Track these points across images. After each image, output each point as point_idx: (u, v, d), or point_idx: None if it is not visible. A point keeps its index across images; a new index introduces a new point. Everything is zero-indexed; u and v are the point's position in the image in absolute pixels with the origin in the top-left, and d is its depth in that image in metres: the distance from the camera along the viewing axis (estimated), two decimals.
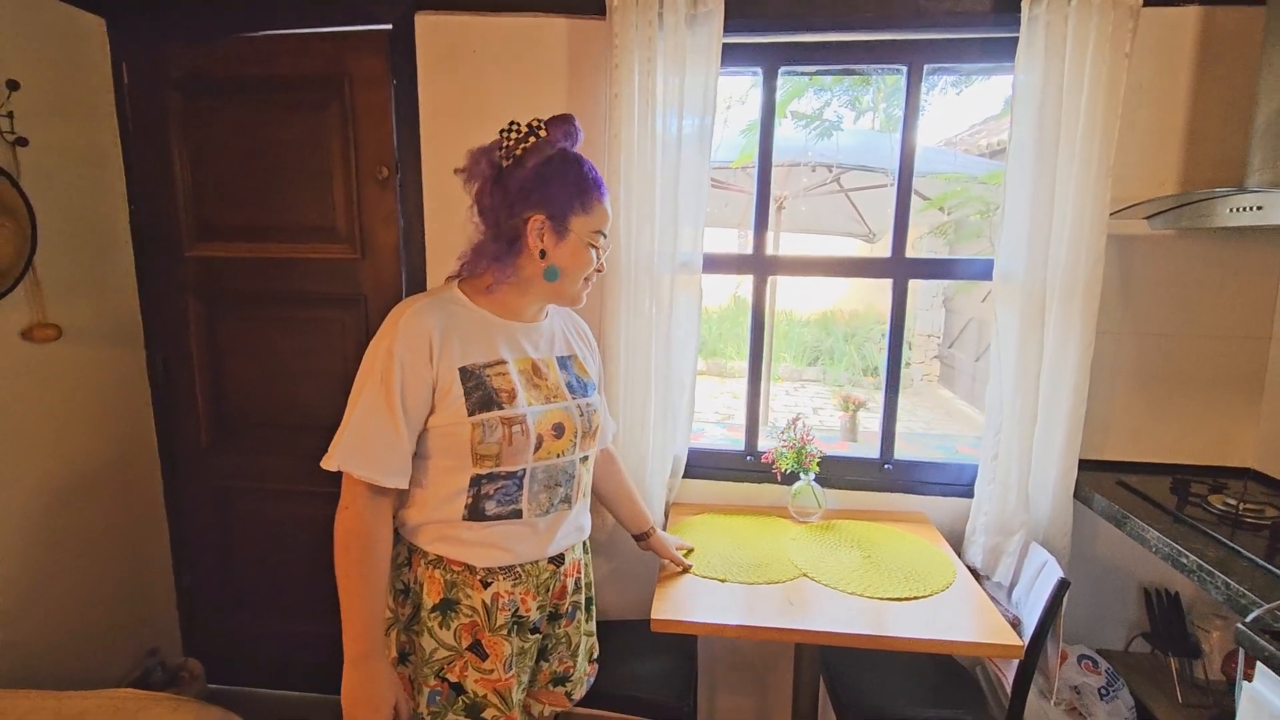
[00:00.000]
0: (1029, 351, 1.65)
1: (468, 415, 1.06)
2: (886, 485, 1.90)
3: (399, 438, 1.05)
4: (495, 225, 1.10)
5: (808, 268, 2.03)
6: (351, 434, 1.04)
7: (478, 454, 1.07)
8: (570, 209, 1.10)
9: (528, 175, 1.07)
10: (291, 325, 2.02)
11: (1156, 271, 1.71)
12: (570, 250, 1.12)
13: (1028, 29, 1.58)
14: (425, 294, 1.14)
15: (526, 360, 1.15)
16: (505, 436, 1.08)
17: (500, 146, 1.09)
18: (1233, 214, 1.36)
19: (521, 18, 1.79)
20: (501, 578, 1.13)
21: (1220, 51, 1.62)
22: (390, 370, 1.03)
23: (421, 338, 1.05)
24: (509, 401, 1.09)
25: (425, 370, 1.05)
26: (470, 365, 1.08)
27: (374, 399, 1.04)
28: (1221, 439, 1.75)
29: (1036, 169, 1.59)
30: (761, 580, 1.49)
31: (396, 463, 1.06)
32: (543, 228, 1.09)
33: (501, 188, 1.09)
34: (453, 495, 1.10)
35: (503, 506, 1.11)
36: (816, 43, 1.81)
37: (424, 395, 1.06)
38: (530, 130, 1.09)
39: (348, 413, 1.06)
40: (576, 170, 1.11)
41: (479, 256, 1.12)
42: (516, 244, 1.10)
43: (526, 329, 1.18)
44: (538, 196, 1.08)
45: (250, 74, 1.93)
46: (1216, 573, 1.20)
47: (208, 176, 1.99)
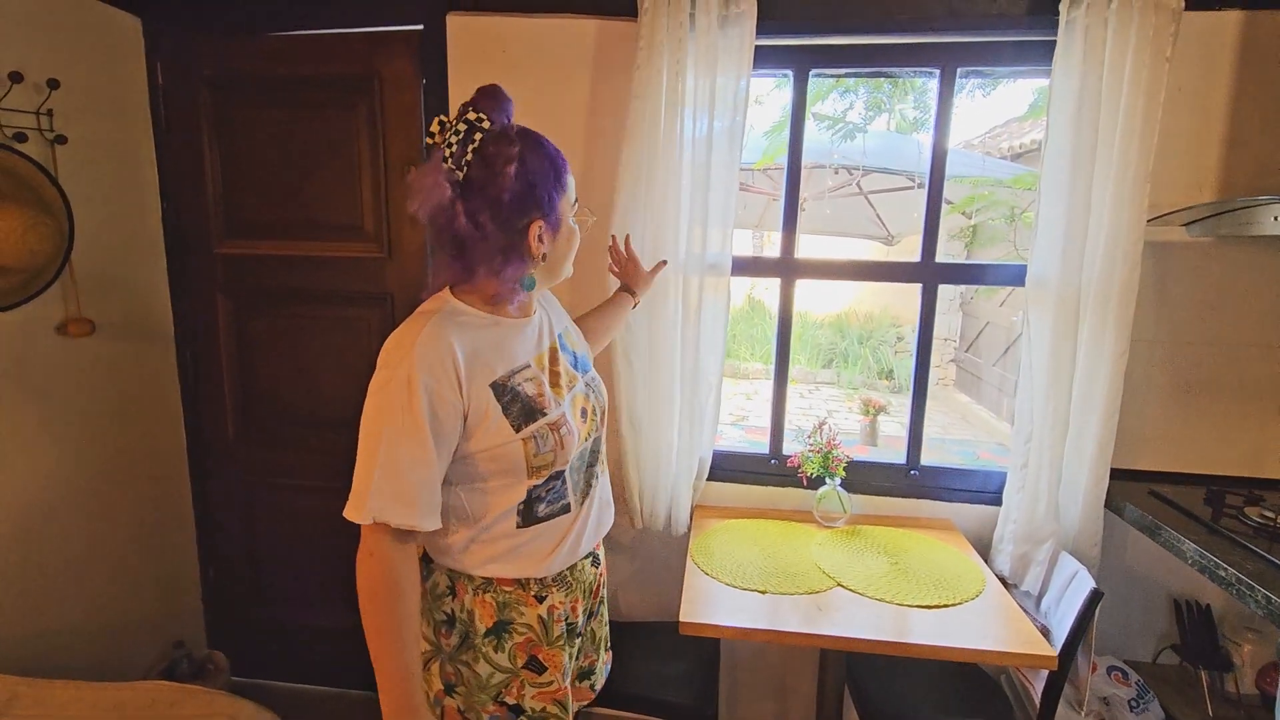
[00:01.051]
0: (1061, 359, 1.63)
1: (515, 432, 1.00)
2: (913, 491, 1.89)
3: (434, 474, 0.95)
4: (495, 244, 0.98)
5: (836, 271, 2.02)
6: (382, 479, 0.92)
7: (533, 466, 1.02)
8: (557, 198, 1.02)
9: (515, 181, 0.96)
10: (318, 323, 2.03)
11: (1194, 279, 1.68)
12: (564, 237, 1.07)
13: (1065, 32, 1.56)
14: (425, 312, 1.01)
15: (542, 355, 1.11)
16: (557, 443, 1.04)
17: (446, 156, 0.96)
18: (1276, 222, 1.34)
19: (552, 19, 1.80)
20: (555, 589, 1.10)
21: (1262, 56, 1.60)
22: (415, 401, 0.92)
23: (445, 361, 0.95)
24: (547, 405, 1.04)
25: (454, 396, 0.96)
26: (500, 379, 1.01)
27: (401, 436, 0.92)
28: (1258, 450, 1.72)
29: (1072, 174, 1.57)
30: (797, 590, 1.49)
31: (433, 501, 0.97)
32: (541, 231, 1.01)
33: (486, 204, 0.96)
34: (507, 511, 1.04)
35: (553, 505, 1.07)
36: (848, 45, 1.80)
37: (455, 424, 0.97)
38: (471, 126, 0.96)
39: (366, 457, 0.93)
40: (547, 156, 1.01)
41: (472, 271, 1.01)
42: (524, 256, 1.01)
43: (530, 320, 1.11)
44: (530, 201, 0.98)
45: (281, 73, 1.94)
46: (1257, 586, 1.18)
47: (238, 174, 2.01)
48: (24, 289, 1.61)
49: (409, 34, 1.88)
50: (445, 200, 0.95)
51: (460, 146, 0.95)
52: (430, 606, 1.09)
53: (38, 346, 1.70)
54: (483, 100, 0.99)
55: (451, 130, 0.96)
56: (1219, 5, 1.59)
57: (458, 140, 0.95)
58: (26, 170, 1.59)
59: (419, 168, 0.98)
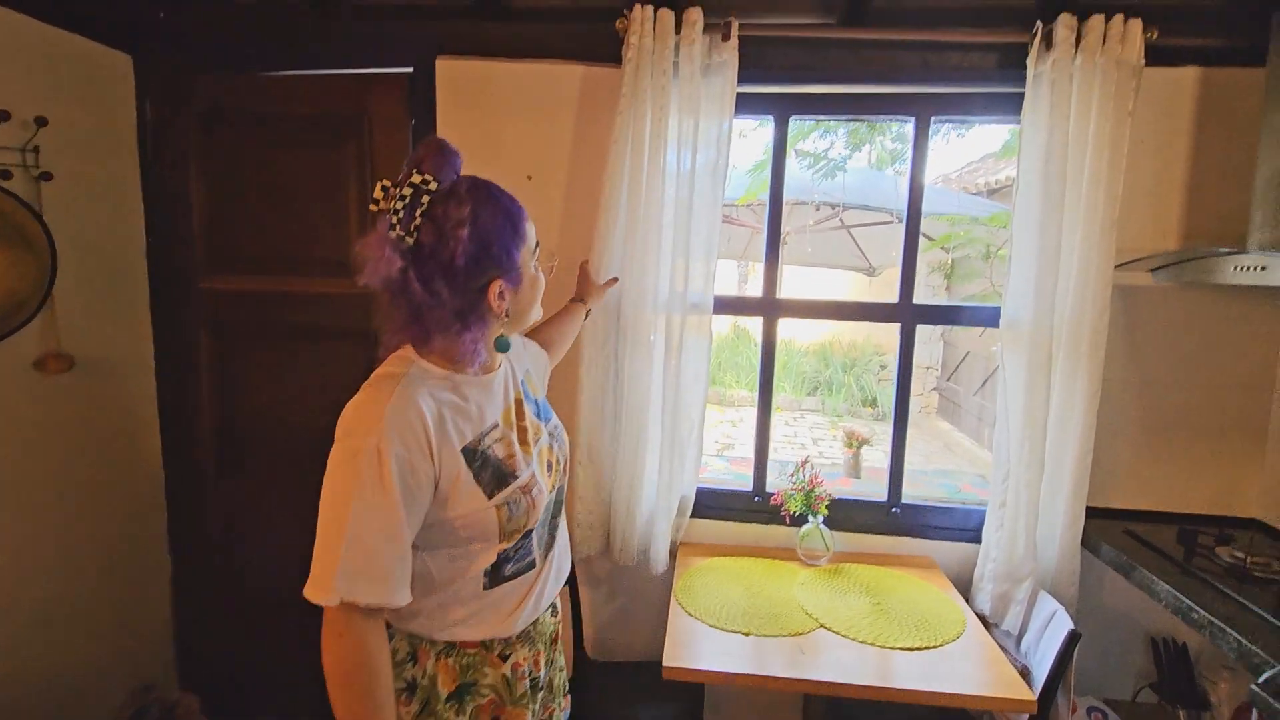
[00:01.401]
0: (1036, 399, 1.67)
1: (488, 499, 0.97)
2: (894, 529, 1.90)
3: (406, 547, 0.91)
4: (452, 309, 0.94)
5: (817, 311, 2.06)
6: (350, 556, 0.86)
7: (507, 531, 1.00)
8: (516, 250, 0.98)
9: (469, 243, 0.91)
10: (303, 358, 2.03)
11: (1161, 322, 1.74)
12: (527, 286, 1.03)
13: (1033, 86, 1.63)
14: (390, 375, 0.95)
15: (509, 409, 1.07)
16: (529, 505, 1.02)
17: (393, 224, 0.91)
18: (1236, 272, 1.39)
19: (539, 64, 1.84)
20: (519, 646, 1.07)
21: (1218, 110, 1.67)
22: (387, 473, 0.87)
23: (416, 429, 0.90)
24: (518, 467, 1.02)
25: (426, 465, 0.91)
26: (471, 443, 0.97)
27: (371, 510, 0.87)
28: (1227, 489, 1.76)
29: (1042, 220, 1.63)
30: (781, 632, 1.49)
31: (406, 575, 0.91)
32: (502, 289, 0.97)
33: (439, 270, 0.92)
34: (477, 575, 1.01)
35: (519, 563, 1.05)
36: (826, 93, 1.86)
37: (427, 493, 0.92)
38: (417, 189, 0.91)
39: (331, 532, 0.87)
40: (501, 209, 0.96)
41: (431, 335, 0.96)
42: (485, 317, 0.98)
43: (496, 375, 1.07)
44: (487, 261, 0.94)
45: (271, 111, 1.97)
46: (1228, 630, 1.20)
47: (225, 210, 2.02)
48: (1, 325, 1.60)
49: (398, 76, 1.91)
50: (395, 271, 0.91)
51: (407, 211, 0.90)
52: None
53: (13, 382, 1.67)
54: (428, 158, 0.94)
55: (397, 195, 0.91)
56: (1177, 62, 1.67)
57: (404, 205, 0.90)
58: (10, 208, 1.59)
59: (364, 238, 0.92)
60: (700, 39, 1.67)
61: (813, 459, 1.84)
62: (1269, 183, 1.47)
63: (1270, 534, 1.69)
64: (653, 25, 1.67)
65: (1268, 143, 1.49)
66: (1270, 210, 1.47)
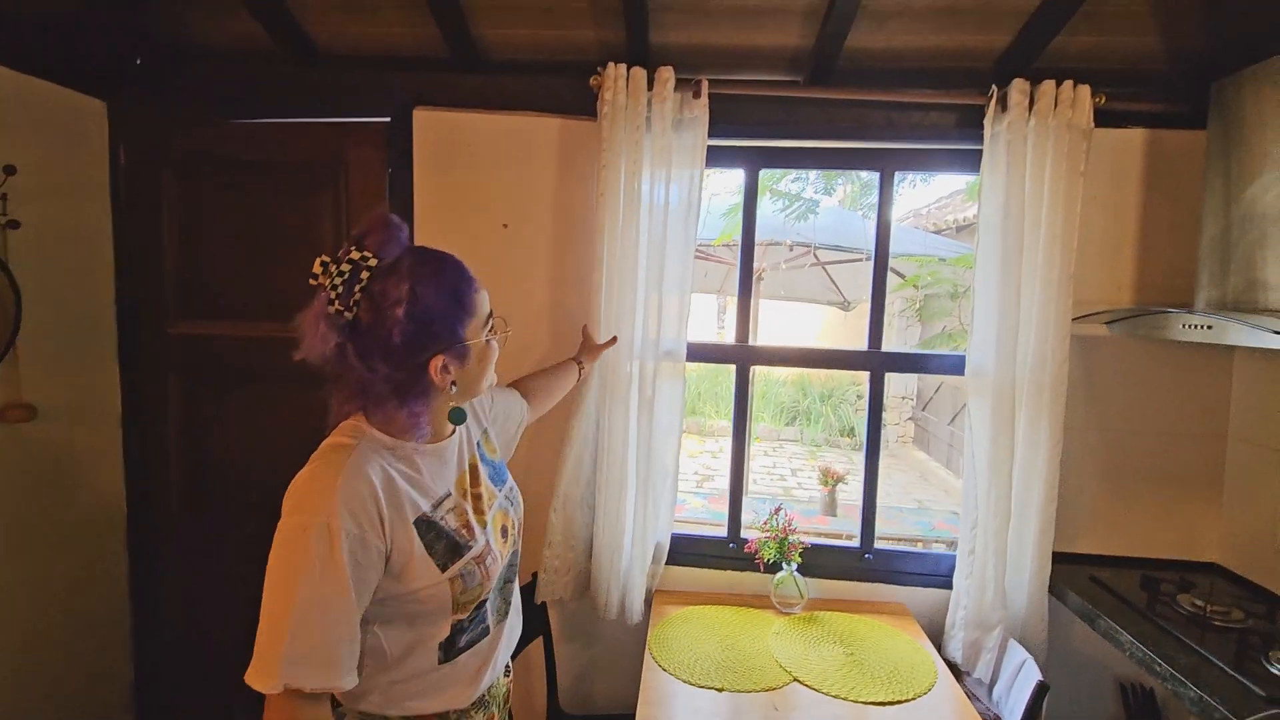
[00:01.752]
0: (1001, 447, 1.70)
1: (441, 572, 0.94)
2: (867, 575, 1.91)
3: (355, 628, 0.87)
4: (391, 385, 0.93)
5: (789, 359, 2.09)
6: (297, 639, 0.82)
7: (460, 603, 0.97)
8: (460, 325, 0.96)
9: (406, 321, 0.89)
10: (275, 404, 2.01)
11: (1118, 373, 1.79)
12: (476, 360, 1.00)
13: (990, 145, 1.69)
14: (340, 445, 0.92)
15: (463, 476, 1.06)
16: (483, 575, 1.00)
17: (331, 300, 0.89)
18: (1185, 329, 1.45)
19: (516, 116, 1.88)
20: (474, 713, 1.05)
21: (1165, 169, 1.75)
22: (338, 551, 0.84)
23: (367, 504, 0.88)
24: (471, 536, 1.00)
25: (377, 540, 0.88)
26: (423, 515, 0.95)
27: (320, 590, 0.84)
28: (1187, 533, 1.81)
29: (1002, 272, 1.68)
30: (754, 687, 1.48)
31: (354, 657, 0.88)
32: (446, 363, 0.95)
33: (377, 347, 0.90)
34: (429, 647, 0.98)
35: (474, 633, 1.03)
36: (795, 148, 1.91)
37: (378, 568, 0.90)
38: (356, 265, 0.89)
39: (276, 614, 0.83)
40: (444, 281, 0.95)
41: (381, 408, 0.95)
42: (426, 392, 0.96)
43: (449, 444, 1.05)
44: (426, 338, 0.92)
45: (247, 157, 1.98)
46: (1189, 684, 1.22)
47: (198, 255, 2.01)
48: None
49: (376, 125, 1.94)
50: (332, 348, 0.90)
51: (346, 287, 0.89)
52: None
53: None
54: (371, 234, 0.92)
55: (335, 271, 0.89)
56: (1125, 124, 1.75)
57: (343, 281, 0.89)
58: None
59: (304, 312, 0.91)
60: (672, 96, 1.72)
61: (790, 491, 1.86)
62: (1213, 243, 1.54)
63: (1229, 578, 1.73)
64: (625, 83, 1.72)
65: (1210, 205, 1.56)
66: (1214, 271, 1.54)
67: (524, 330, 1.89)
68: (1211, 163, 1.57)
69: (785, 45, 1.78)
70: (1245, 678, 1.23)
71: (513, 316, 1.84)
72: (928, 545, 3.51)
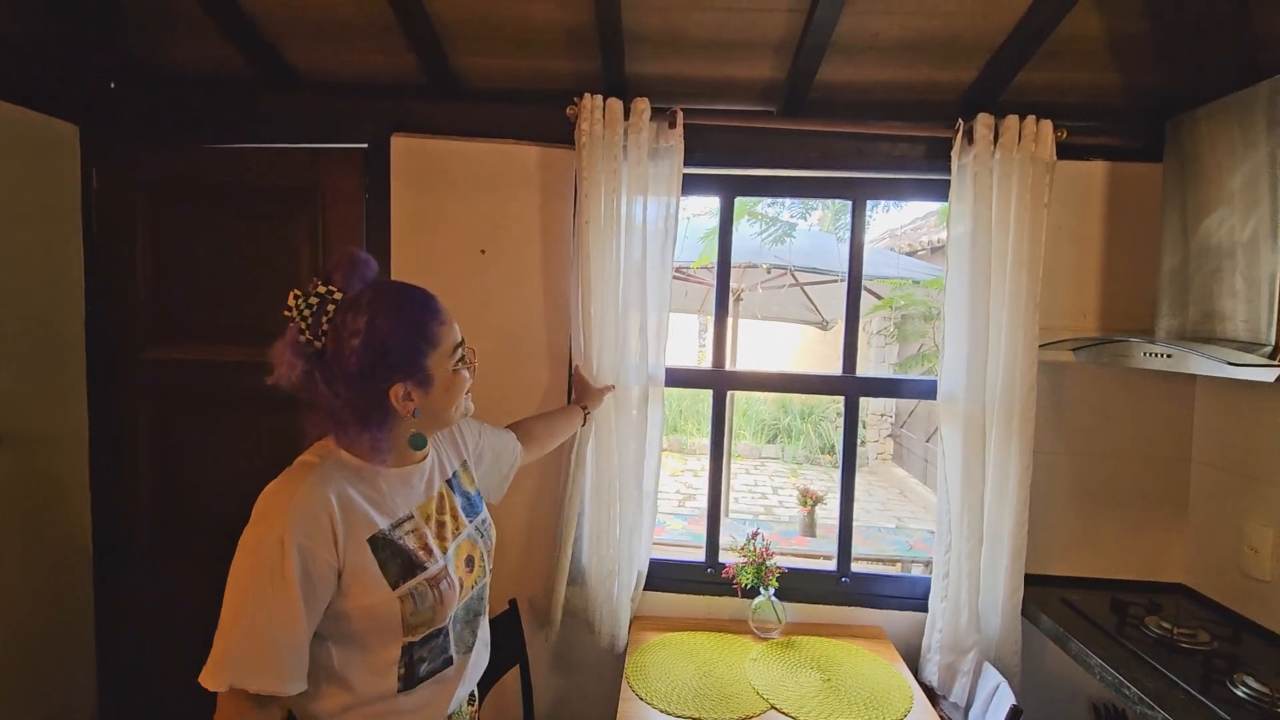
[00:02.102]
0: (972, 471, 1.73)
1: (392, 589, 0.97)
2: (844, 599, 1.92)
3: (301, 636, 0.91)
4: (353, 410, 0.98)
5: (765, 383, 2.11)
6: (243, 642, 0.88)
7: (409, 625, 0.99)
8: (422, 355, 1.00)
9: (362, 351, 0.95)
10: (250, 431, 1.98)
11: (1085, 398, 1.83)
12: (442, 389, 1.04)
13: (958, 175, 1.74)
14: (305, 464, 0.99)
15: (429, 502, 1.09)
16: (436, 599, 1.01)
17: (302, 331, 0.96)
18: (1146, 358, 1.49)
19: (494, 144, 1.89)
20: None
21: (1125, 200, 1.81)
22: (288, 563, 0.89)
23: (320, 520, 0.93)
24: (428, 558, 1.02)
25: (329, 555, 0.93)
26: (379, 533, 0.98)
27: (268, 598, 0.89)
28: (1154, 555, 1.84)
29: (971, 301, 1.72)
30: (731, 715, 1.48)
31: (300, 665, 0.92)
32: (407, 390, 0.99)
33: (338, 374, 0.96)
34: (384, 670, 1.00)
35: (434, 662, 1.04)
36: (769, 176, 1.95)
37: (329, 583, 0.93)
38: (323, 299, 0.96)
39: (230, 618, 0.89)
40: (403, 313, 1.00)
41: (345, 432, 1.00)
42: (388, 417, 1.00)
43: (419, 467, 1.10)
44: (383, 367, 0.97)
45: (222, 182, 1.97)
46: (1157, 708, 1.24)
47: (171, 280, 1.99)
48: None
49: (353, 151, 1.94)
50: (299, 375, 0.96)
51: (315, 319, 0.96)
52: None
53: None
54: (338, 270, 1.00)
55: (305, 304, 0.96)
56: (1086, 157, 1.80)
57: (311, 313, 0.96)
58: None
59: (278, 341, 0.98)
60: (648, 126, 1.75)
61: (772, 509, 1.87)
62: (1172, 274, 1.59)
63: (1195, 599, 1.76)
64: (602, 113, 1.74)
65: (1168, 237, 1.61)
66: (1173, 301, 1.58)
67: (502, 358, 1.89)
68: (1168, 197, 1.63)
69: (758, 77, 1.82)
70: (1211, 701, 1.26)
71: (490, 344, 1.89)
72: (906, 566, 3.53)
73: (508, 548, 1.91)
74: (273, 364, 0.97)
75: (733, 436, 8.05)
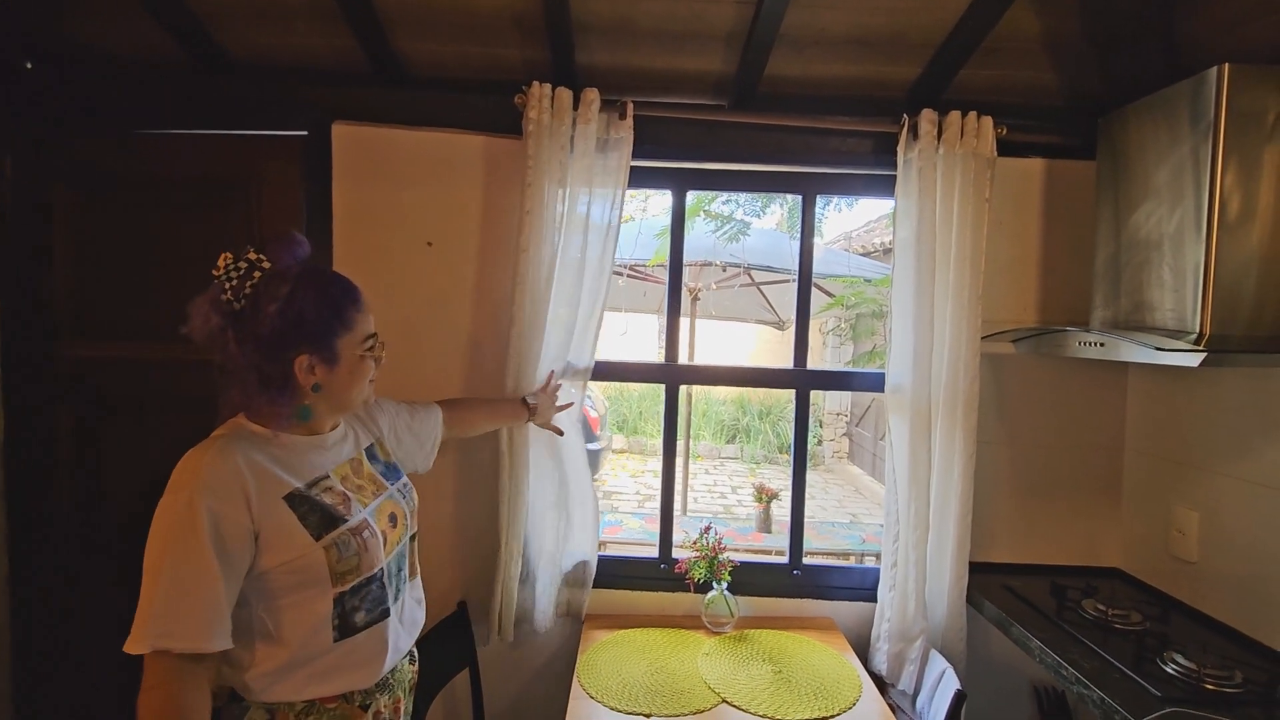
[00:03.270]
0: (919, 461, 1.75)
1: (315, 540, 1.01)
2: (796, 591, 1.93)
3: (220, 593, 0.94)
4: (259, 374, 1.02)
5: (717, 377, 2.11)
6: (163, 604, 0.90)
7: (337, 573, 1.03)
8: (333, 334, 1.06)
9: (276, 317, 1.00)
10: (179, 432, 1.86)
11: (1025, 389, 1.88)
12: (346, 371, 1.09)
13: (903, 171, 1.77)
14: (216, 436, 1.04)
15: (344, 465, 1.15)
16: (360, 546, 1.06)
17: (225, 290, 1.01)
18: (1081, 347, 1.53)
19: (440, 133, 1.84)
20: (379, 694, 1.11)
21: (1062, 197, 1.87)
22: (199, 524, 0.92)
23: (230, 484, 0.97)
24: (348, 511, 1.07)
25: (243, 518, 0.97)
26: (295, 490, 1.03)
27: (183, 559, 0.92)
28: (1090, 541, 1.90)
29: (917, 294, 1.75)
30: (683, 711, 1.46)
31: (221, 622, 0.94)
32: (311, 363, 1.04)
33: (250, 335, 1.01)
34: (319, 624, 1.03)
35: (372, 612, 1.08)
36: (720, 170, 1.95)
37: (245, 546, 0.97)
38: (251, 265, 1.02)
39: (148, 583, 0.92)
40: (325, 293, 1.06)
41: (250, 402, 1.05)
42: (288, 385, 1.04)
43: (329, 436, 1.15)
44: (295, 336, 1.02)
45: (151, 170, 1.87)
46: (1093, 686, 1.28)
47: (96, 273, 1.88)
48: None
49: (292, 139, 1.87)
50: (214, 328, 1.01)
51: (240, 282, 1.01)
52: None
53: None
54: (272, 244, 1.06)
55: (236, 269, 1.02)
56: (1025, 154, 1.86)
57: (239, 276, 1.02)
58: None
59: (200, 296, 1.03)
60: (597, 117, 1.73)
61: (731, 509, 1.87)
62: (1105, 267, 1.65)
63: (1129, 582, 1.82)
64: (550, 102, 1.71)
65: (1101, 231, 1.67)
66: (1106, 293, 1.64)
67: (447, 351, 1.85)
68: (1101, 191, 1.68)
69: (709, 70, 1.81)
70: (1143, 679, 1.30)
71: (435, 338, 1.84)
72: (859, 559, 3.58)
73: (453, 548, 1.86)
74: (190, 316, 1.02)
75: (692, 437, 8.08)
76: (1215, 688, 1.27)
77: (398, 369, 1.66)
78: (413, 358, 1.84)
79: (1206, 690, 1.27)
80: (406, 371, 1.79)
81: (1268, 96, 1.31)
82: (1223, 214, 1.32)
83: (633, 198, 9.00)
